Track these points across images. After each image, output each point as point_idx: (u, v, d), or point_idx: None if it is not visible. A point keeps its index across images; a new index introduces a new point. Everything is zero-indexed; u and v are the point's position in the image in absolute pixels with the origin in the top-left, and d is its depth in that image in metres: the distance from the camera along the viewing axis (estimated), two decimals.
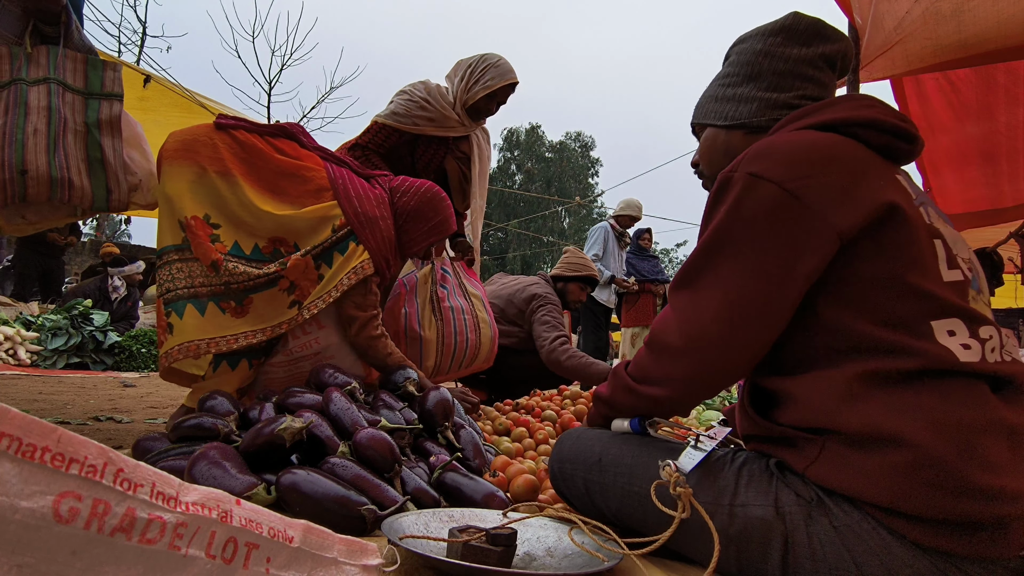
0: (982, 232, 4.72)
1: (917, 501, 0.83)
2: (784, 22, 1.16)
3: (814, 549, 0.89)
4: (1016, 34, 2.41)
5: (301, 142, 2.10)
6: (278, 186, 1.99)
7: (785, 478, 0.95)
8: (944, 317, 0.90)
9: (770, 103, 1.14)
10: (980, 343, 0.91)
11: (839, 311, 0.94)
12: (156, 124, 6.14)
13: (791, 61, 1.14)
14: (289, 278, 1.92)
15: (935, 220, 1.00)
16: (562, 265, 3.68)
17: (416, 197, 2.16)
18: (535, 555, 1.03)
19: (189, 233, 1.88)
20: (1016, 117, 3.60)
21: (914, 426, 0.84)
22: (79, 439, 0.56)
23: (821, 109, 1.06)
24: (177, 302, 1.86)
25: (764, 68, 1.15)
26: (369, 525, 1.10)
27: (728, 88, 1.20)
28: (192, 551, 0.62)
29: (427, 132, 2.65)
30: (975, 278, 1.00)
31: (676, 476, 0.94)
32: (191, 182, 1.90)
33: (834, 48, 1.14)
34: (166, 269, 1.89)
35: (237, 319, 1.88)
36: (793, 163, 0.95)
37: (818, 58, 1.14)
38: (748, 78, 1.17)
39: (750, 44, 1.19)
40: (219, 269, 1.86)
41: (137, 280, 6.72)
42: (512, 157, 34.88)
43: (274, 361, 1.95)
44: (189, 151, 1.92)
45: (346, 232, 1.98)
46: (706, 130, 1.24)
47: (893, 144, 1.03)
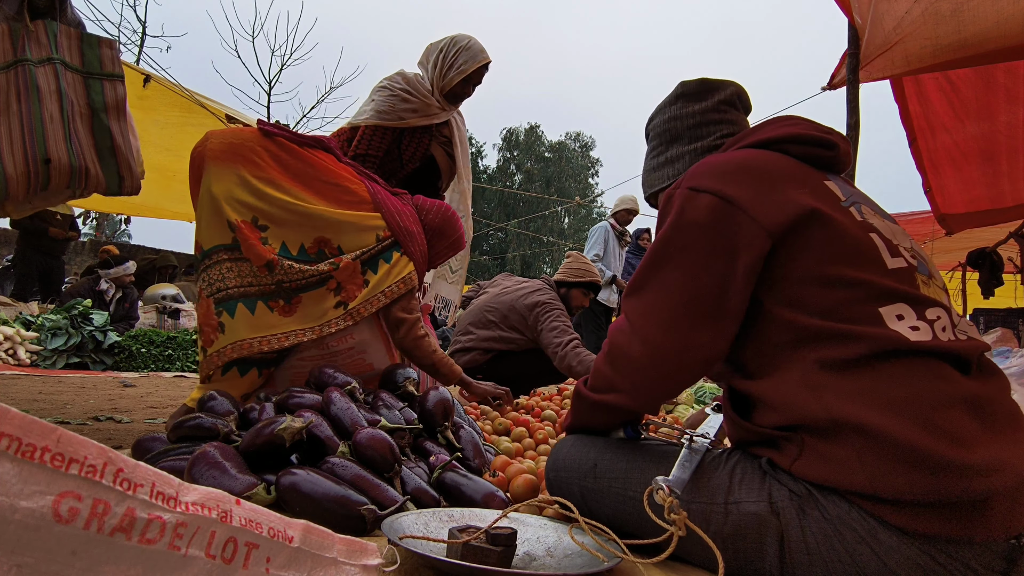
0: (982, 232, 4.72)
1: (892, 483, 0.84)
2: (677, 91, 1.34)
3: (808, 542, 0.90)
4: (1016, 33, 2.41)
5: (337, 156, 2.18)
6: (323, 189, 2.06)
7: (777, 475, 0.97)
8: (890, 303, 0.95)
9: (698, 151, 1.29)
10: (928, 324, 0.94)
11: (785, 308, 0.99)
12: (156, 124, 6.14)
13: (697, 115, 1.30)
14: (337, 279, 2.00)
15: (869, 216, 1.07)
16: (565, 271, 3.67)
17: (439, 216, 2.29)
18: (535, 555, 1.03)
19: (239, 235, 1.93)
20: (1016, 116, 3.60)
21: (871, 409, 0.87)
22: (79, 439, 0.56)
23: (752, 132, 1.19)
24: (228, 301, 1.92)
25: (679, 129, 1.31)
26: (369, 525, 1.10)
27: (659, 157, 1.35)
28: (192, 551, 0.62)
29: (412, 124, 2.65)
30: (921, 264, 1.05)
31: (670, 501, 0.95)
32: (238, 184, 1.95)
33: (727, 93, 1.30)
34: (216, 268, 1.93)
35: (285, 318, 1.94)
36: (726, 174, 1.05)
37: (718, 104, 1.29)
38: (671, 142, 1.33)
39: (659, 119, 1.36)
40: (274, 268, 1.93)
41: (127, 281, 6.65)
42: (511, 157, 34.88)
43: (307, 355, 1.97)
44: (236, 153, 1.97)
45: (390, 242, 2.09)
46: (659, 197, 1.35)
47: (816, 152, 1.13)
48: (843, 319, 0.94)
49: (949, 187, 4.30)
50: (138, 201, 7.83)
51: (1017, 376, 2.59)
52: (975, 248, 4.86)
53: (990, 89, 3.55)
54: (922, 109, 3.86)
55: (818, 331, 0.95)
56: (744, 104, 1.32)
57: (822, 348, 0.94)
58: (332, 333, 1.98)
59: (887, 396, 0.88)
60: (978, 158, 3.96)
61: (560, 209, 31.46)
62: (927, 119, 3.91)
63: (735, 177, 1.04)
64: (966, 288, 5.66)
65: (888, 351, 0.91)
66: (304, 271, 1.95)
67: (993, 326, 4.76)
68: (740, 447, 1.07)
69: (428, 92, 2.67)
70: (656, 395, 1.10)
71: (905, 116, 3.94)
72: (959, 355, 0.93)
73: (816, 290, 0.97)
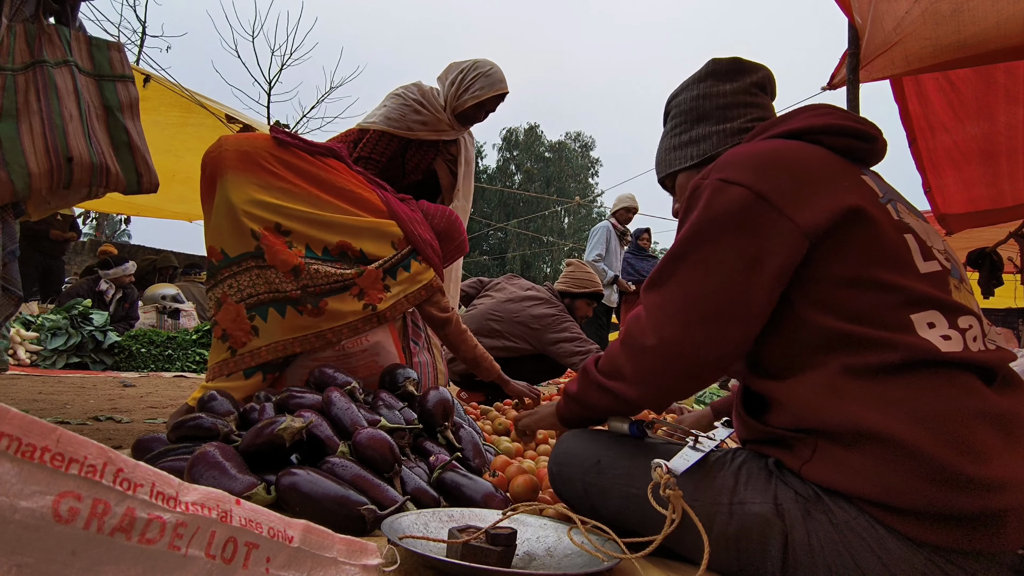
0: (982, 232, 4.72)
1: (909, 495, 0.83)
2: (707, 68, 1.28)
3: (812, 546, 0.90)
4: (1016, 34, 2.41)
5: (349, 164, 2.21)
6: (340, 196, 2.09)
7: (784, 476, 0.96)
8: (922, 309, 0.92)
9: (726, 132, 1.22)
10: (960, 333, 0.91)
11: (816, 311, 0.95)
12: (156, 124, 6.13)
13: (728, 95, 1.24)
14: (360, 286, 2.03)
15: (904, 215, 1.02)
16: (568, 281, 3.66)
17: (444, 220, 2.33)
18: (535, 555, 1.03)
19: (264, 242, 1.96)
20: (1016, 117, 3.60)
21: (897, 420, 0.85)
22: (79, 439, 0.56)
23: (783, 121, 1.13)
24: (260, 307, 1.96)
25: (707, 108, 1.25)
26: (369, 525, 1.10)
27: (682, 135, 1.28)
28: (192, 551, 0.62)
29: (421, 136, 2.65)
30: (954, 267, 1.01)
31: (667, 478, 0.94)
32: (257, 194, 1.99)
33: (759, 76, 1.25)
34: (246, 275, 1.97)
35: (315, 319, 1.98)
36: (759, 167, 1.00)
37: (750, 86, 1.24)
38: (696, 121, 1.26)
39: (685, 95, 1.30)
40: (300, 274, 1.96)
41: (127, 282, 6.66)
42: (511, 157, 34.87)
43: (323, 356, 1.99)
44: (252, 162, 2.00)
45: (407, 251, 2.13)
46: (677, 177, 1.30)
47: (853, 145, 1.07)
48: (874, 325, 0.91)
49: (949, 187, 4.29)
50: (138, 201, 7.82)
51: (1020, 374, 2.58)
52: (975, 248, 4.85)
53: (990, 89, 3.55)
54: (922, 109, 3.86)
55: (848, 336, 0.92)
56: (772, 90, 1.28)
57: (850, 354, 0.91)
58: (359, 330, 2.02)
59: (914, 409, 0.85)
60: (978, 158, 3.96)
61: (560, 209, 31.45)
62: (927, 119, 3.90)
63: (770, 170, 0.99)
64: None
65: (918, 361, 0.88)
66: (329, 275, 1.99)
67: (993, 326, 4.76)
68: (746, 444, 1.06)
69: (441, 108, 2.67)
70: (662, 392, 1.06)
71: (905, 116, 3.94)
72: (988, 367, 0.90)
73: (849, 293, 0.94)
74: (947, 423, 0.84)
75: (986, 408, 0.85)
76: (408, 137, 2.65)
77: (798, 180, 0.98)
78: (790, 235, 0.95)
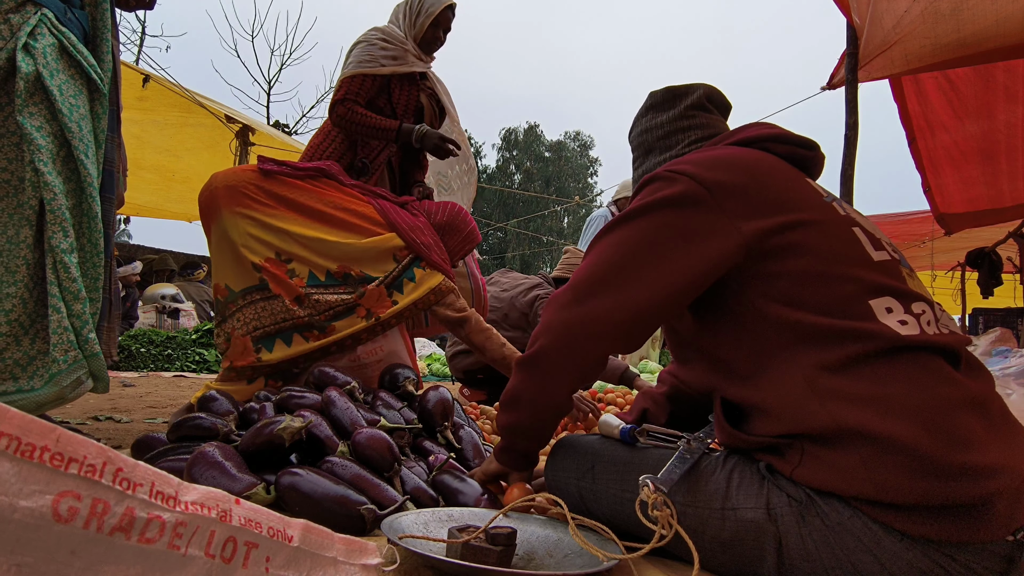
0: (981, 232, 4.73)
1: (901, 490, 0.83)
2: (646, 103, 1.35)
3: (808, 549, 0.89)
4: (1015, 32, 2.42)
5: (340, 182, 2.22)
6: (335, 220, 2.11)
7: (776, 480, 0.95)
8: (878, 296, 0.94)
9: (671, 159, 1.27)
10: (915, 318, 0.93)
11: (778, 306, 0.97)
12: (155, 124, 6.13)
13: (665, 124, 1.30)
14: (365, 306, 2.05)
15: (849, 211, 1.06)
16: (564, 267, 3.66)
17: (446, 213, 2.32)
18: (534, 555, 1.03)
19: (266, 274, 2.01)
20: (1015, 115, 3.60)
21: (878, 415, 0.85)
22: (78, 438, 0.56)
23: (730, 134, 1.19)
24: (265, 339, 2.00)
25: (651, 141, 1.32)
26: (368, 525, 1.10)
27: (638, 169, 1.37)
28: (191, 550, 0.62)
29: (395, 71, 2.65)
30: (902, 258, 1.04)
31: (654, 497, 0.94)
32: (251, 227, 2.02)
33: (694, 97, 1.29)
34: (251, 308, 2.01)
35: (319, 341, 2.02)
36: (708, 166, 1.04)
37: (685, 111, 1.28)
38: (646, 154, 1.33)
39: (634, 131, 1.37)
40: (303, 302, 2.00)
41: (133, 281, 6.69)
42: (511, 156, 34.87)
43: (339, 366, 2.01)
44: (241, 195, 2.03)
45: (409, 260, 2.12)
46: None
47: (796, 152, 1.13)
48: (837, 315, 0.93)
49: (948, 187, 4.30)
50: (138, 201, 7.81)
51: (1017, 376, 2.59)
52: (974, 248, 4.86)
53: (989, 88, 3.55)
54: (921, 108, 3.87)
55: (813, 328, 0.93)
56: (717, 103, 1.31)
57: (819, 348, 0.92)
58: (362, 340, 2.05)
59: (893, 401, 0.86)
60: (977, 157, 3.97)
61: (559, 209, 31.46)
62: (926, 118, 3.91)
63: (717, 170, 1.02)
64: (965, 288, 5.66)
65: (886, 349, 0.89)
66: (331, 302, 2.01)
67: (992, 326, 4.76)
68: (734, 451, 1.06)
69: (403, 39, 2.69)
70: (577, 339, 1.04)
71: (904, 116, 3.94)
72: (951, 350, 0.92)
73: (809, 287, 0.96)
74: (928, 412, 0.84)
75: (962, 394, 0.86)
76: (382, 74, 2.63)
77: (746, 178, 1.02)
78: (727, 234, 0.98)
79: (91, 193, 1.61)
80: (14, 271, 1.52)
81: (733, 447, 1.05)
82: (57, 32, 1.61)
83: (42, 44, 1.56)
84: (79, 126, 1.61)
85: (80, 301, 1.54)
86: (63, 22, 1.64)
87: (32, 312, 1.55)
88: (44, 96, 1.56)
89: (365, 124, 2.52)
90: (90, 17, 1.75)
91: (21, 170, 1.55)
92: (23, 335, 1.54)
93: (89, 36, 1.75)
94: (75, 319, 1.54)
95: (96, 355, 1.58)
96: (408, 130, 2.57)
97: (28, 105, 1.53)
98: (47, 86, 1.55)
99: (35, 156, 1.52)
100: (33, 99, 1.54)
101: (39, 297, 1.56)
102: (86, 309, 1.56)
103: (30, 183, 1.53)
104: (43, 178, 1.52)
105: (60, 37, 1.61)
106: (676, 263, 0.99)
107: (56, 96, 1.56)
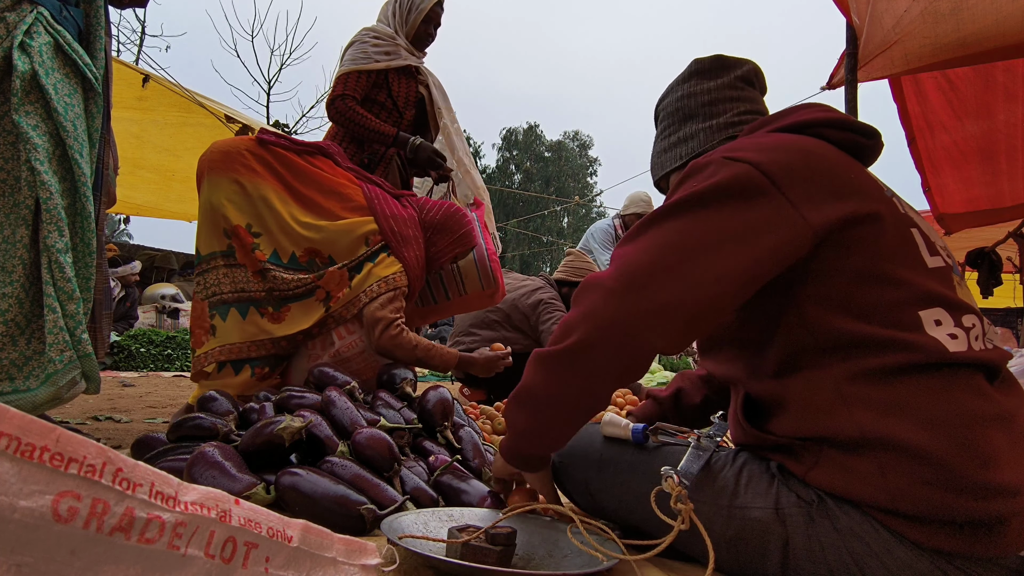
0: (981, 232, 4.72)
1: (917, 501, 0.82)
2: (690, 68, 1.25)
3: (814, 551, 0.89)
4: (1015, 32, 2.41)
5: (336, 161, 2.21)
6: (316, 202, 2.10)
7: (786, 480, 0.95)
8: (929, 307, 0.89)
9: (713, 128, 1.18)
10: (964, 331, 0.89)
11: (824, 309, 0.91)
12: (155, 124, 6.13)
13: (712, 91, 1.20)
14: (325, 288, 2.03)
15: (907, 209, 1.00)
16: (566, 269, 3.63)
17: (441, 212, 2.29)
18: (534, 555, 1.03)
19: (235, 241, 2.00)
20: (1015, 115, 3.60)
21: (905, 425, 0.84)
22: (78, 438, 0.55)
23: (782, 116, 1.07)
24: (221, 306, 1.99)
25: (693, 106, 1.22)
26: (368, 525, 1.10)
27: (670, 136, 1.25)
28: (191, 550, 0.62)
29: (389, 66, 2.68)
30: (954, 264, 0.99)
31: (679, 490, 0.90)
32: (234, 192, 2.02)
33: (744, 70, 1.22)
34: (213, 273, 2.01)
35: (274, 324, 2.00)
36: (768, 151, 0.95)
37: (735, 81, 1.20)
38: (683, 121, 1.23)
39: (671, 97, 1.27)
40: (265, 276, 1.99)
41: (132, 281, 6.70)
42: (510, 156, 34.87)
43: (321, 363, 2.00)
44: (232, 160, 2.03)
45: (379, 247, 2.10)
46: (669, 179, 1.28)
47: (856, 140, 1.04)
48: (883, 323, 0.88)
49: (948, 186, 4.30)
50: (138, 201, 7.81)
51: (1017, 376, 2.59)
52: (974, 248, 4.85)
53: (989, 88, 3.55)
54: (921, 108, 3.86)
55: (855, 336, 0.89)
56: (761, 84, 1.24)
57: (857, 356, 0.88)
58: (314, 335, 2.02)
59: (923, 413, 0.84)
60: (977, 157, 3.97)
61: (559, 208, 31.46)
62: (926, 118, 3.90)
63: (778, 157, 0.93)
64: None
65: (928, 363, 0.85)
66: (290, 281, 2.00)
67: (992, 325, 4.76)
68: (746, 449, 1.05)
69: (394, 35, 2.72)
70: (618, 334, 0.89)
71: (904, 116, 3.94)
72: (992, 366, 0.89)
73: (858, 288, 0.90)
74: (956, 427, 0.82)
75: (992, 410, 0.84)
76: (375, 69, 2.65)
77: (809, 171, 0.93)
78: (793, 226, 0.89)
79: (84, 192, 1.61)
80: (10, 271, 1.52)
81: (746, 444, 1.03)
82: (53, 30, 1.61)
83: (38, 42, 1.56)
84: (74, 125, 1.60)
85: (74, 301, 1.54)
86: (58, 20, 1.64)
87: (28, 312, 1.55)
88: (40, 95, 1.56)
89: (362, 124, 2.54)
90: (84, 15, 1.75)
91: (17, 169, 1.55)
92: (19, 335, 1.54)
93: (83, 34, 1.75)
94: (69, 319, 1.53)
95: (89, 355, 1.57)
96: (404, 140, 2.59)
97: (24, 104, 1.53)
98: (43, 85, 1.54)
99: (31, 155, 1.51)
100: (29, 98, 1.54)
101: (35, 297, 1.55)
102: (79, 309, 1.56)
103: (26, 182, 1.53)
104: (39, 177, 1.52)
105: (56, 35, 1.61)
106: (742, 255, 0.89)
107: (52, 95, 1.55)
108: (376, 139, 2.57)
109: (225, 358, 1.95)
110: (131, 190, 7.57)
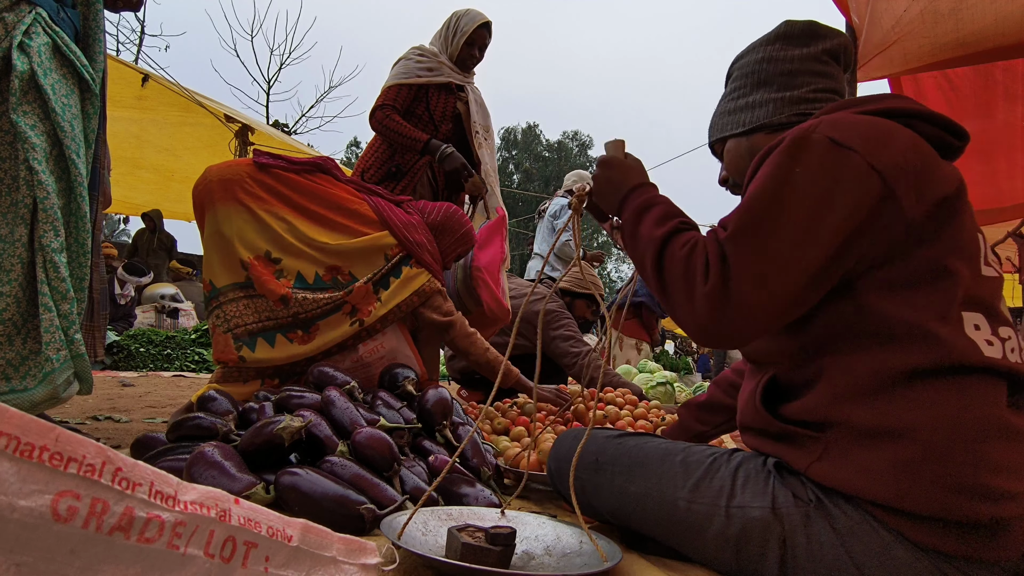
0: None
1: (921, 498, 0.82)
2: (779, 30, 1.18)
3: (812, 551, 0.89)
4: (1014, 32, 2.42)
5: (336, 176, 2.21)
6: (328, 219, 2.11)
7: (783, 478, 0.95)
8: (972, 310, 0.89)
9: (785, 101, 1.13)
10: (1001, 341, 0.90)
11: (882, 293, 0.90)
12: (154, 123, 6.14)
13: (795, 61, 1.14)
14: (352, 303, 2.04)
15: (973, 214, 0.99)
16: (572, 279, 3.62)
17: (440, 213, 2.32)
18: (534, 554, 1.03)
19: (252, 272, 1.99)
20: (1014, 115, 3.60)
21: (929, 420, 0.84)
22: (77, 438, 0.56)
23: (868, 100, 1.04)
24: (247, 337, 1.99)
25: (771, 73, 1.16)
26: (368, 524, 1.10)
27: (739, 99, 1.20)
28: (191, 550, 0.62)
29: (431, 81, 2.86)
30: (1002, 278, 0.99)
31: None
32: (245, 222, 2.01)
33: (834, 43, 1.15)
34: (232, 305, 2.00)
35: (304, 346, 2.00)
36: (872, 139, 0.92)
37: (821, 54, 1.14)
38: (757, 86, 1.17)
39: (751, 56, 1.20)
40: (288, 302, 1.99)
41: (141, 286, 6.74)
42: (510, 156, 34.87)
43: (343, 367, 2.01)
44: (237, 188, 2.02)
45: (399, 258, 2.12)
46: (727, 143, 1.23)
47: (943, 137, 1.00)
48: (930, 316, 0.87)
49: None
50: (138, 200, 7.82)
51: None
52: None
53: (988, 87, 3.55)
54: None
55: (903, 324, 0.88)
56: (846, 62, 1.18)
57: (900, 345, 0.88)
58: (347, 347, 2.05)
59: (945, 413, 0.84)
60: (976, 157, 3.97)
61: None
62: None
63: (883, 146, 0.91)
64: None
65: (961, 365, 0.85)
66: (318, 300, 2.00)
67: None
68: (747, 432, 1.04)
69: (438, 53, 2.91)
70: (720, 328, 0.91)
71: None
72: (1018, 378, 0.89)
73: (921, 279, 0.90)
74: (974, 431, 0.83)
75: (1012, 419, 0.85)
76: (418, 84, 2.85)
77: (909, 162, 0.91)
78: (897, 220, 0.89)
79: (80, 193, 1.61)
80: (9, 270, 1.52)
81: (751, 427, 1.03)
82: (51, 31, 1.61)
83: (37, 43, 1.56)
84: (71, 125, 1.60)
85: (68, 301, 1.54)
86: (56, 21, 1.64)
87: (25, 311, 1.55)
88: (38, 95, 1.56)
89: (397, 131, 2.75)
90: (82, 16, 1.75)
91: (16, 168, 1.55)
92: (16, 335, 1.54)
93: (80, 35, 1.75)
94: (63, 319, 1.53)
95: (81, 356, 1.57)
96: (435, 146, 2.76)
97: (23, 104, 1.53)
98: (41, 85, 1.54)
99: (29, 155, 1.51)
100: (27, 98, 1.54)
101: (32, 297, 1.55)
102: (73, 309, 1.56)
103: (24, 181, 1.53)
104: (37, 177, 1.51)
105: (54, 36, 1.61)
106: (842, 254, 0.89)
107: (50, 95, 1.55)
108: (409, 144, 2.76)
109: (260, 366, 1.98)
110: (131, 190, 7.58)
